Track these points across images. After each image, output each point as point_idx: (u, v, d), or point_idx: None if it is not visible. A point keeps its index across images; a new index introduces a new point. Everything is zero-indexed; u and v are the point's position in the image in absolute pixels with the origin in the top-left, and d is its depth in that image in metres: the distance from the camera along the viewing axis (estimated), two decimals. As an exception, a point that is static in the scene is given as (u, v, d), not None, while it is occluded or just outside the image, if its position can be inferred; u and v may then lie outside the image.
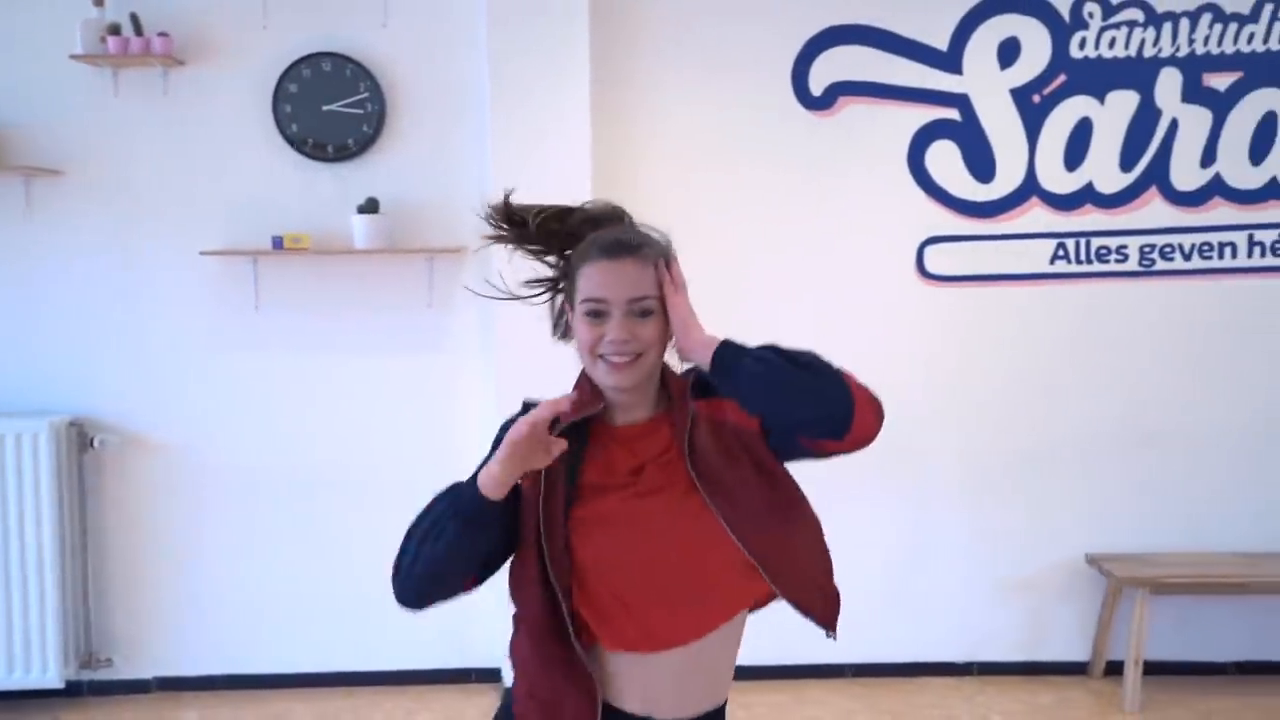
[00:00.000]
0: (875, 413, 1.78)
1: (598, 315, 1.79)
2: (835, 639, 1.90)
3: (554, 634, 1.77)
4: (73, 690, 4.61)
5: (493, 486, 1.71)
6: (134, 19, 4.36)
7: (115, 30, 4.35)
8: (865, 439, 1.77)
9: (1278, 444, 4.62)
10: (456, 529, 1.72)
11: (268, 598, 4.68)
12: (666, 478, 1.80)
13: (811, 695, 4.55)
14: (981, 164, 4.58)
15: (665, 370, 1.90)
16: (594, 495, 1.80)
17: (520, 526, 1.80)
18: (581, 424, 1.84)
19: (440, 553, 1.73)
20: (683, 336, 1.81)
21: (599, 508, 1.79)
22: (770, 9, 4.56)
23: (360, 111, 4.53)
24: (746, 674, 2.20)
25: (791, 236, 4.61)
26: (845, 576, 1.94)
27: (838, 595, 1.90)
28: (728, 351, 1.78)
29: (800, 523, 1.87)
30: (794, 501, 1.86)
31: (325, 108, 4.52)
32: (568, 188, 4.39)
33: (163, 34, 4.38)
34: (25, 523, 4.37)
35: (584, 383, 1.87)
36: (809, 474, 1.90)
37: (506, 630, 1.92)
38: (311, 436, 4.66)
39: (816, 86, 4.56)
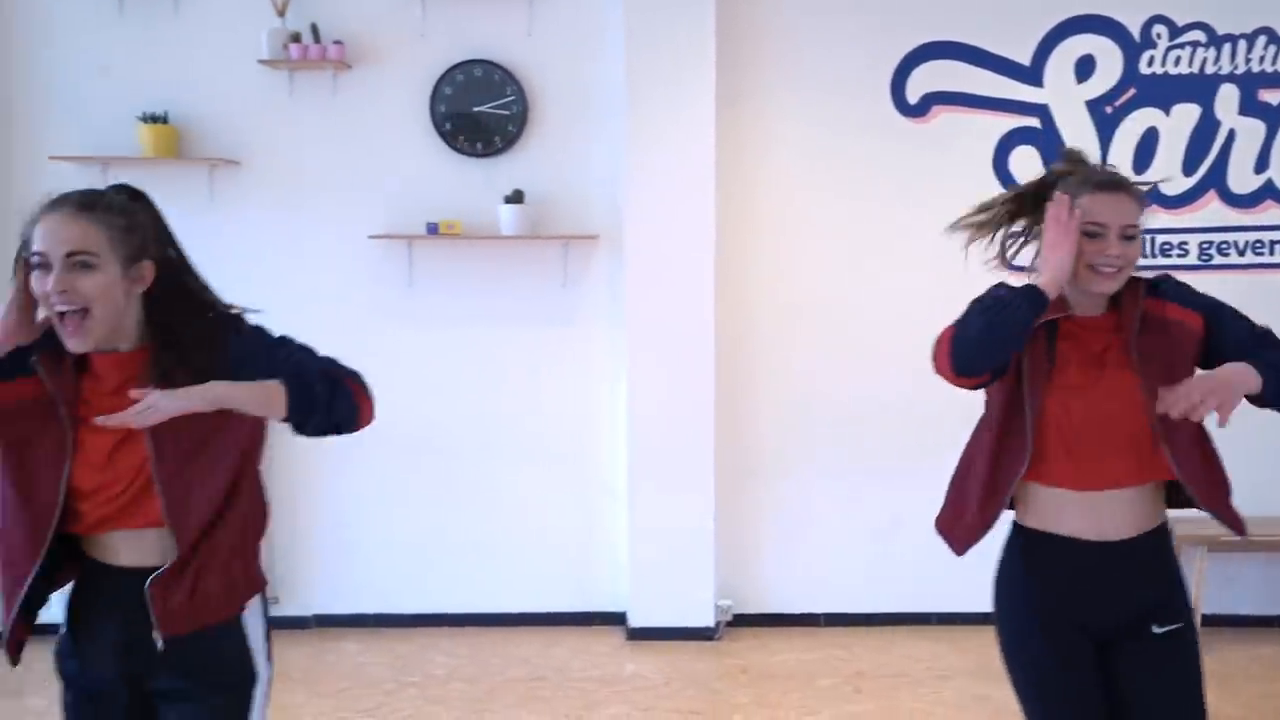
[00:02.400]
0: None
1: (1095, 236, 2.22)
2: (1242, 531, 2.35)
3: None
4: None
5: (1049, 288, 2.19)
6: (314, 29, 4.94)
7: (296, 38, 4.92)
8: None
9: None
10: (1025, 310, 2.18)
11: (413, 547, 5.25)
12: (1117, 360, 2.26)
13: (902, 641, 5.07)
14: (1059, 167, 5.13)
15: None
16: (1066, 367, 2.28)
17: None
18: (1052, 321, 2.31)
19: (1002, 323, 2.19)
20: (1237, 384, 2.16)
21: (1070, 377, 2.27)
22: (871, 28, 5.12)
23: (507, 112, 5.10)
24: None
25: (895, 228, 5.11)
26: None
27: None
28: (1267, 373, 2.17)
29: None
30: None
31: (476, 109, 5.09)
32: (693, 183, 5.01)
33: (337, 42, 4.95)
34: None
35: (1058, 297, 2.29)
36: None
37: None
38: (457, 400, 5.22)
39: (913, 96, 5.12)
